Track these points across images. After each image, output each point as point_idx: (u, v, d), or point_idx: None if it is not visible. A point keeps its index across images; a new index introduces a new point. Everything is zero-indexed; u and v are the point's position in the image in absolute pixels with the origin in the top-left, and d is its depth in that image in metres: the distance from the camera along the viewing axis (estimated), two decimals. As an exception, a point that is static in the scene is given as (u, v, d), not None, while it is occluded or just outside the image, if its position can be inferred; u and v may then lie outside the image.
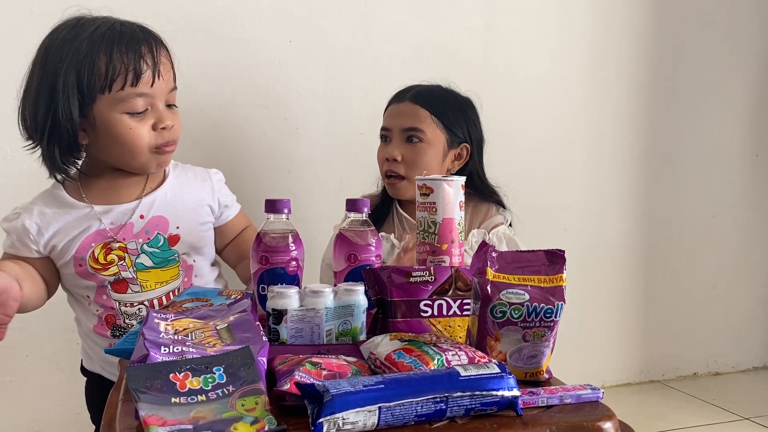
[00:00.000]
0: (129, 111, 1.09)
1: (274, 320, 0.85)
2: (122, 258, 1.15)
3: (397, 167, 1.41)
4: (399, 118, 1.42)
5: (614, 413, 0.71)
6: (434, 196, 1.05)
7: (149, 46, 1.11)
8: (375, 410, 0.63)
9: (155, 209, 1.18)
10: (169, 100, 1.15)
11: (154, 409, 0.62)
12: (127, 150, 1.11)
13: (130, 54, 1.08)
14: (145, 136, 1.11)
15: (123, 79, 1.07)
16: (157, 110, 1.12)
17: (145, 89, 1.09)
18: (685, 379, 2.45)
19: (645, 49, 2.26)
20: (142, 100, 1.09)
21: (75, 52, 1.06)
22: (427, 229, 1.05)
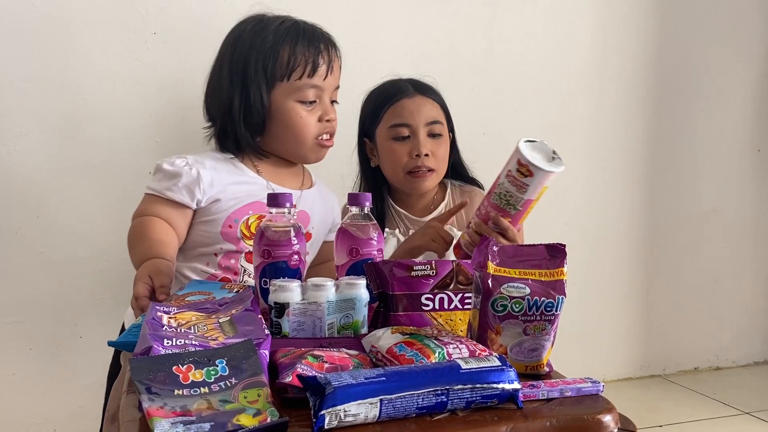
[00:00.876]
0: (301, 100, 1.21)
1: (277, 313, 0.86)
2: None
3: (429, 162, 1.38)
4: (419, 113, 1.39)
5: (614, 406, 0.71)
6: (531, 179, 1.06)
7: (327, 44, 1.24)
8: (376, 402, 0.63)
9: (306, 204, 1.29)
10: (333, 97, 1.27)
11: (158, 400, 0.63)
12: (295, 136, 1.23)
13: (311, 48, 1.21)
14: (312, 125, 1.23)
15: (302, 70, 1.20)
16: (324, 103, 1.24)
17: (318, 82, 1.22)
18: (686, 374, 2.45)
19: (647, 46, 2.25)
20: (314, 91, 1.22)
21: (262, 42, 1.20)
22: (509, 200, 1.07)
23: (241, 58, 1.21)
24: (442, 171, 1.43)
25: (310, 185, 1.35)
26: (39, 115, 1.66)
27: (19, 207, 1.67)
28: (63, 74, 1.66)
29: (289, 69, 1.20)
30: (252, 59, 1.20)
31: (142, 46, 1.70)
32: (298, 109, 1.22)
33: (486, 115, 1.52)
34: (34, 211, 1.67)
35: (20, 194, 1.68)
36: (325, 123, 1.24)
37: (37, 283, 1.68)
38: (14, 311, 1.68)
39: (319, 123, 1.24)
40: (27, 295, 1.68)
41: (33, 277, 1.68)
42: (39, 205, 1.68)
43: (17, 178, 1.68)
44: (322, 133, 1.25)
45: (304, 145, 1.25)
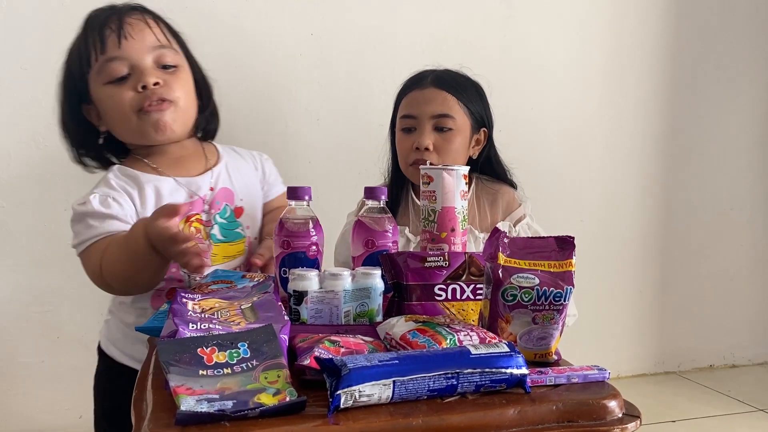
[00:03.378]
0: (109, 79, 1.08)
1: (295, 301, 0.89)
2: (199, 230, 1.14)
3: (428, 156, 1.35)
4: (426, 105, 1.36)
5: (619, 392, 0.74)
6: (434, 184, 1.07)
7: (116, 15, 1.10)
8: (390, 384, 0.66)
9: (221, 181, 1.19)
10: (160, 60, 1.11)
11: (183, 380, 0.66)
12: (116, 119, 1.11)
13: (96, 27, 1.09)
14: (125, 99, 1.08)
15: (94, 50, 1.08)
16: (138, 70, 1.08)
17: (114, 52, 1.07)
18: (701, 371, 2.46)
19: (663, 44, 2.26)
20: (117, 63, 1.07)
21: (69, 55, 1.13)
22: (428, 217, 1.07)
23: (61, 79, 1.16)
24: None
25: (216, 161, 1.22)
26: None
27: (47, 201, 1.72)
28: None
29: (86, 57, 1.09)
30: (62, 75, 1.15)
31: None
32: (107, 90, 1.09)
33: (502, 112, 1.54)
34: (62, 204, 1.73)
35: (49, 188, 1.73)
36: (143, 91, 1.08)
37: (65, 274, 1.73)
38: (43, 301, 1.74)
39: (136, 93, 1.08)
40: (55, 285, 1.73)
41: (61, 267, 1.73)
42: (67, 198, 1.73)
43: (45, 173, 1.73)
44: (142, 103, 1.08)
45: (129, 122, 1.10)
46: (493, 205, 1.41)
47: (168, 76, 1.10)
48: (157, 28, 1.13)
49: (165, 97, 1.09)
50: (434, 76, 1.40)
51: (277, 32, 1.84)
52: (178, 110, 1.11)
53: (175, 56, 1.13)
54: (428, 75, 1.41)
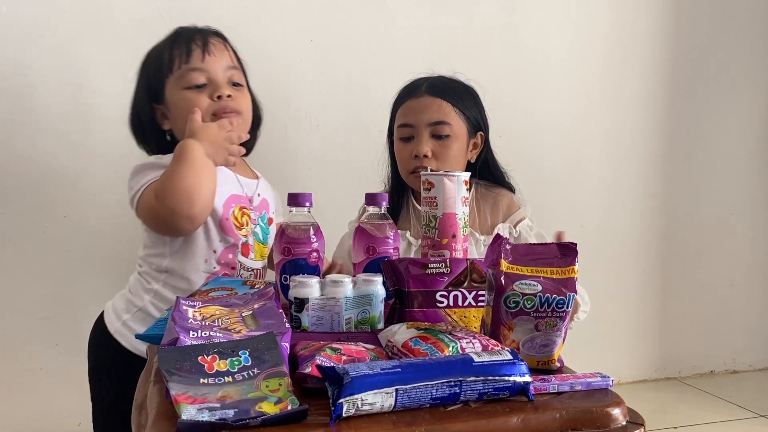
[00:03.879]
0: (188, 85, 1.22)
1: (296, 308, 0.89)
2: (248, 223, 1.25)
3: (427, 164, 1.36)
4: (423, 113, 1.38)
5: (623, 400, 0.73)
6: (435, 191, 1.07)
7: (201, 33, 1.27)
8: (392, 392, 0.66)
9: (263, 191, 1.32)
10: (231, 78, 1.26)
11: (184, 388, 0.66)
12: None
13: (183, 41, 1.25)
14: (203, 103, 1.22)
15: (178, 59, 1.23)
16: (214, 83, 1.23)
17: (197, 63, 1.22)
18: (702, 377, 2.45)
19: (663, 46, 2.26)
20: (198, 73, 1.22)
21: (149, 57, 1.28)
22: (429, 224, 1.07)
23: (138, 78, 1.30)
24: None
25: (257, 175, 1.37)
26: (65, 116, 1.71)
27: (46, 207, 1.72)
28: (88, 77, 1.72)
29: (168, 64, 1.23)
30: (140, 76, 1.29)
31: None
32: (185, 94, 1.23)
33: (502, 117, 1.54)
34: (61, 211, 1.72)
35: (47, 194, 1.73)
36: (218, 100, 1.23)
37: (63, 281, 1.72)
38: (42, 308, 1.73)
39: (212, 100, 1.23)
40: (54, 292, 1.73)
41: (59, 274, 1.73)
42: (65, 205, 1.73)
43: (44, 179, 1.73)
44: (216, 109, 1.23)
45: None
46: (493, 208, 1.41)
47: (236, 92, 1.26)
48: (232, 52, 1.30)
49: (235, 108, 1.24)
50: (428, 83, 1.41)
51: (277, 38, 1.84)
52: (243, 120, 1.26)
53: (241, 77, 1.29)
54: (422, 83, 1.42)
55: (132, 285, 1.29)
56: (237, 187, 1.26)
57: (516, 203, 1.42)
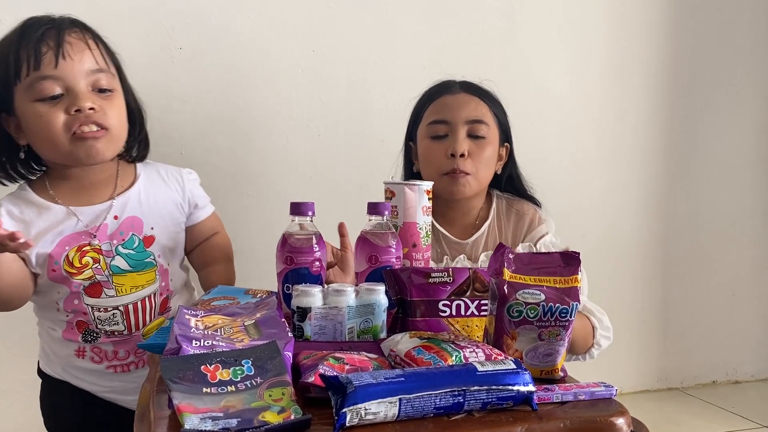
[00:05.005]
0: (39, 97, 1.03)
1: (299, 317, 0.89)
2: (97, 261, 1.10)
3: (464, 164, 1.25)
4: (460, 110, 1.28)
5: (627, 409, 0.73)
6: (396, 200, 1.08)
7: (56, 30, 1.05)
8: (396, 402, 0.66)
9: (129, 209, 1.14)
10: (96, 84, 1.07)
11: (187, 398, 0.66)
12: (44, 139, 1.06)
13: (32, 40, 1.04)
14: (57, 120, 1.04)
15: (26, 65, 1.03)
16: (73, 93, 1.04)
17: (49, 71, 1.03)
18: (704, 387, 2.44)
19: (664, 56, 2.27)
20: (50, 82, 1.03)
21: None
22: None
23: None
24: (483, 178, 1.30)
25: (130, 183, 1.17)
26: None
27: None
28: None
29: (15, 69, 1.03)
30: None
31: (167, 61, 1.75)
32: (36, 108, 1.04)
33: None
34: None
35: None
36: (76, 114, 1.04)
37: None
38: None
39: (69, 116, 1.04)
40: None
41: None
42: None
43: None
44: (74, 127, 1.04)
45: (60, 145, 1.05)
46: (516, 225, 1.34)
47: (103, 101, 1.07)
48: (96, 50, 1.09)
49: (100, 123, 1.06)
50: (462, 83, 1.34)
51: (278, 48, 1.84)
52: (111, 138, 1.09)
53: (111, 80, 1.10)
54: (454, 82, 1.35)
55: None
56: (71, 225, 1.10)
57: (539, 218, 1.34)
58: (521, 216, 1.34)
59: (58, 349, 1.16)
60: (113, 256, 1.11)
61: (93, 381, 1.16)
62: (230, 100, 1.81)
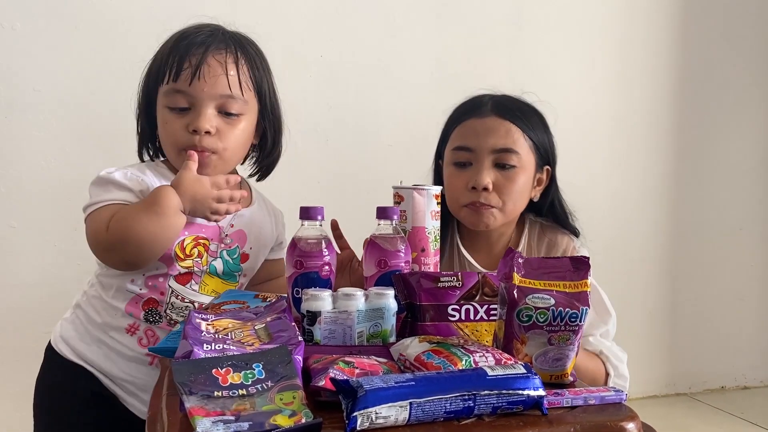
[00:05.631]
0: (170, 105, 1.10)
1: (309, 321, 0.89)
2: (201, 255, 1.13)
3: (487, 198, 1.17)
4: (486, 137, 1.17)
5: (637, 414, 0.73)
6: (404, 204, 1.08)
7: (204, 45, 1.11)
8: (406, 406, 0.66)
9: (243, 223, 1.19)
10: (224, 107, 1.11)
11: (199, 401, 0.66)
12: (164, 142, 1.14)
13: (180, 51, 1.10)
14: (176, 132, 1.10)
15: (169, 73, 1.10)
16: (197, 111, 1.09)
17: (183, 87, 1.09)
18: (712, 393, 2.43)
19: (670, 64, 2.27)
20: (181, 97, 1.09)
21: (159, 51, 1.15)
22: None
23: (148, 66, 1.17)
24: (511, 210, 1.20)
25: (248, 203, 1.23)
26: (77, 132, 1.73)
27: (57, 220, 1.73)
28: (102, 91, 1.73)
29: (161, 73, 1.11)
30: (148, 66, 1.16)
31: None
32: (164, 113, 1.11)
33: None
34: (71, 224, 1.73)
35: (58, 208, 1.74)
36: (192, 134, 1.09)
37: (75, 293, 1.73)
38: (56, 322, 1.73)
39: (186, 131, 1.09)
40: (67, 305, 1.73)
41: (71, 287, 1.73)
42: (76, 218, 1.74)
43: (54, 192, 1.74)
44: (186, 145, 1.10)
45: (170, 152, 1.14)
46: (547, 252, 1.25)
47: (225, 125, 1.11)
48: (234, 76, 1.12)
49: (212, 147, 1.11)
50: (494, 102, 1.22)
51: (287, 53, 1.85)
52: (220, 160, 1.13)
53: (241, 106, 1.13)
54: (487, 101, 1.23)
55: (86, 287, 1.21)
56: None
57: (572, 250, 1.24)
58: (553, 246, 1.24)
59: (108, 318, 1.13)
60: (216, 257, 1.15)
61: (121, 363, 1.13)
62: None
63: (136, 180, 1.09)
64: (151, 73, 1.14)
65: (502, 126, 1.18)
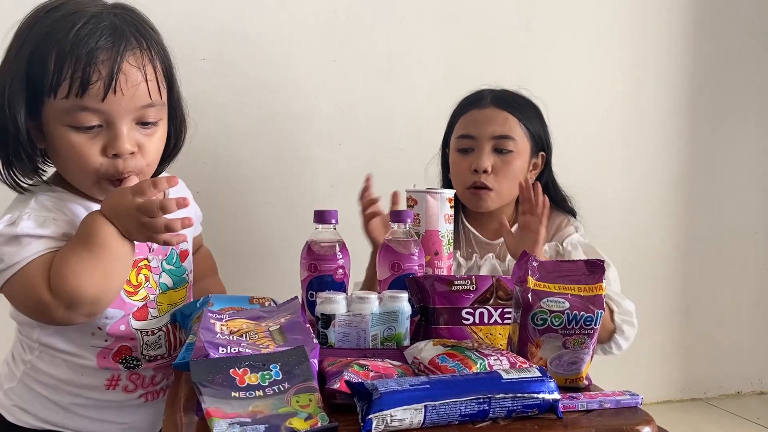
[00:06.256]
0: (73, 124, 0.88)
1: (323, 324, 0.90)
2: (148, 278, 0.98)
3: (486, 179, 1.31)
4: (486, 126, 1.32)
5: (653, 418, 0.73)
6: (418, 207, 1.09)
7: (112, 45, 0.87)
8: (421, 408, 0.66)
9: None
10: (142, 118, 0.91)
11: (216, 402, 0.66)
12: (73, 170, 0.92)
13: (81, 54, 0.85)
14: (92, 158, 0.89)
15: (68, 86, 0.85)
16: (113, 130, 0.89)
17: (93, 104, 0.86)
18: (728, 398, 2.41)
19: (686, 63, 2.25)
20: (91, 115, 0.87)
21: (33, 40, 0.87)
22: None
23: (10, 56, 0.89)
24: (507, 192, 1.34)
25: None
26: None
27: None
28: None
29: (54, 83, 0.86)
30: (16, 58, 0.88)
31: (191, 72, 1.77)
32: (71, 137, 0.88)
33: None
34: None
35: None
36: (113, 159, 0.90)
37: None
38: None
39: (105, 158, 0.90)
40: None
41: None
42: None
43: None
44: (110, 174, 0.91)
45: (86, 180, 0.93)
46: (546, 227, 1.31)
47: (143, 138, 0.92)
48: (153, 79, 0.92)
49: (136, 169, 0.92)
50: (493, 95, 1.37)
51: (300, 59, 1.86)
52: (142, 176, 0.94)
53: (159, 111, 0.94)
54: (487, 94, 1.37)
55: (14, 348, 1.02)
56: None
57: (566, 222, 1.38)
58: (551, 222, 1.36)
59: (79, 380, 0.97)
60: (160, 273, 1.00)
61: (108, 418, 1.00)
62: (252, 111, 1.83)
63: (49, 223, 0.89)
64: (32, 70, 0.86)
65: (500, 115, 1.33)
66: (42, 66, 0.86)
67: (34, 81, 0.87)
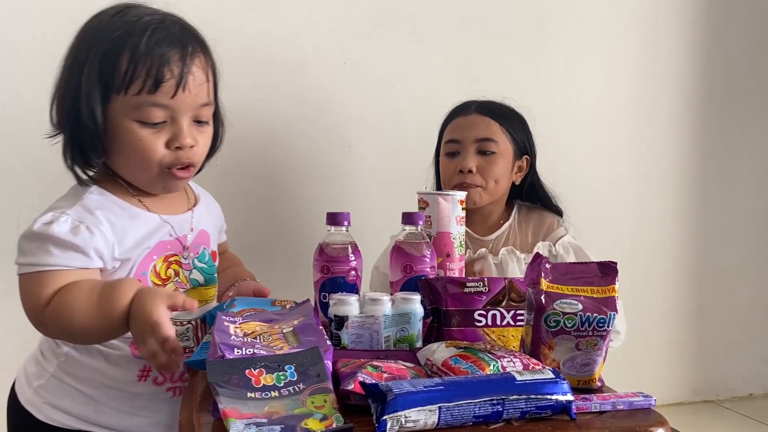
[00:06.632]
0: (142, 119, 0.95)
1: (336, 326, 0.90)
2: (177, 273, 1.03)
3: (472, 179, 1.40)
4: (470, 130, 1.42)
5: (666, 420, 0.73)
6: (430, 210, 1.10)
7: (182, 50, 0.96)
8: (435, 410, 0.66)
9: (202, 222, 1.09)
10: (198, 116, 0.99)
11: (232, 402, 0.67)
12: (134, 163, 0.98)
13: (156, 56, 0.93)
14: (157, 151, 0.96)
15: (141, 84, 0.93)
16: (177, 125, 0.97)
17: (164, 100, 0.94)
18: (740, 400, 2.39)
19: (698, 62, 2.25)
20: (160, 111, 0.95)
21: (105, 41, 0.94)
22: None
23: (82, 59, 0.95)
24: (494, 188, 1.43)
25: (195, 201, 1.12)
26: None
27: None
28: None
29: (127, 81, 0.93)
30: (89, 60, 0.94)
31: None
32: (138, 131, 0.95)
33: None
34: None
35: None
36: (176, 151, 0.97)
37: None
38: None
39: (168, 150, 0.97)
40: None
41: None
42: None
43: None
44: (171, 163, 0.98)
45: (148, 172, 0.98)
46: (535, 228, 1.46)
47: (198, 134, 1.00)
48: (211, 81, 1.02)
49: (193, 162, 1.00)
50: (478, 104, 1.47)
51: (311, 61, 1.87)
52: (194, 169, 1.02)
53: (210, 111, 1.03)
54: (472, 104, 1.48)
55: (42, 345, 1.05)
56: (161, 235, 1.02)
57: (557, 223, 1.47)
58: (539, 224, 1.47)
59: (113, 371, 1.01)
60: (191, 269, 1.05)
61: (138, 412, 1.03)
62: (263, 113, 1.84)
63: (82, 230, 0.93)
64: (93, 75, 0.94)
65: (482, 121, 1.43)
66: (114, 64, 0.93)
67: (105, 78, 0.94)
